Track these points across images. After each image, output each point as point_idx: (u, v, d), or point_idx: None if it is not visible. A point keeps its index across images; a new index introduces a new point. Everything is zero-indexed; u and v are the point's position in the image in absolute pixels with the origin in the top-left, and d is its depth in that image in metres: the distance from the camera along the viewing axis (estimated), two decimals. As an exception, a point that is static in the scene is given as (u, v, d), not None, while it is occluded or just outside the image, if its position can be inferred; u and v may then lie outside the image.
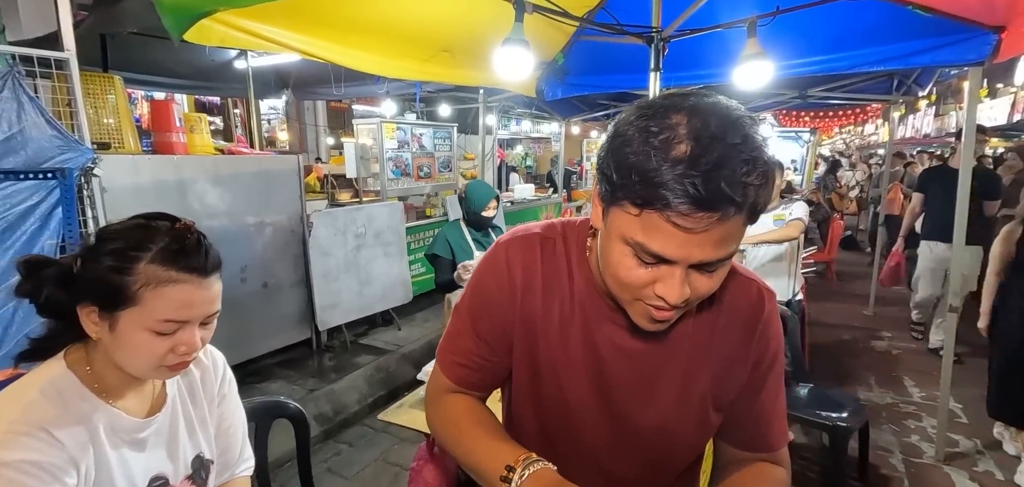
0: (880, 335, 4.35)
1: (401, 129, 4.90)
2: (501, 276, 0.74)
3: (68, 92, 2.09)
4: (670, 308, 0.59)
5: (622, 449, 0.75)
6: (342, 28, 2.06)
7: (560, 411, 0.75)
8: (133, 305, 0.74)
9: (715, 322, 0.72)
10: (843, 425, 2.20)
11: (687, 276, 0.57)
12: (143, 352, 0.76)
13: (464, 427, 0.74)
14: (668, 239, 0.53)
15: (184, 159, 3.06)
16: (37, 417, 0.71)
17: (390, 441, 2.97)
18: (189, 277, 0.76)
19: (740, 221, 0.54)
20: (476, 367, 0.77)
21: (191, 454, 0.91)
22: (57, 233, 1.99)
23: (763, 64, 2.04)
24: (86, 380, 0.78)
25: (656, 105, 0.55)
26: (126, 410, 0.82)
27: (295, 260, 3.74)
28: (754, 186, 0.52)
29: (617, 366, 0.72)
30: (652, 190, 0.51)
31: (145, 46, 3.72)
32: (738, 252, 0.79)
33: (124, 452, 0.81)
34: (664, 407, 0.73)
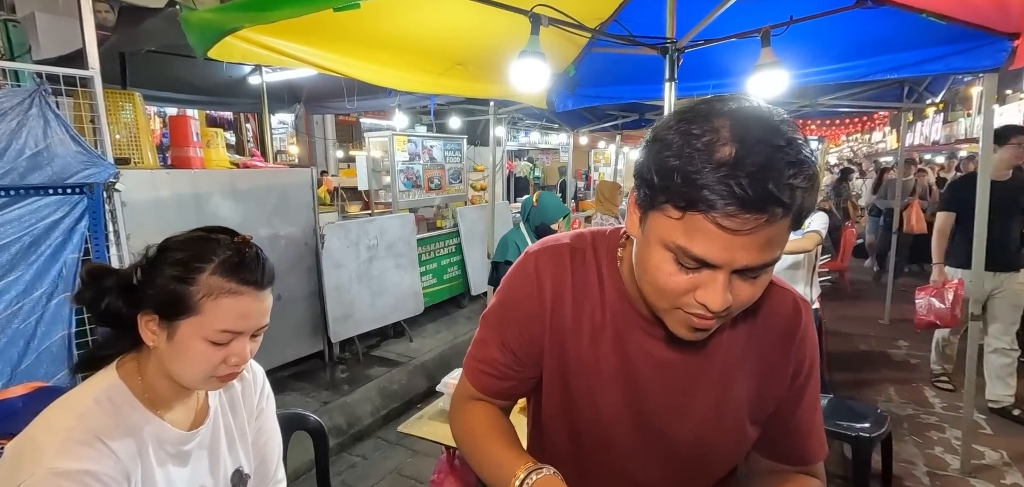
0: (897, 344, 4.29)
1: (412, 141, 4.94)
2: (530, 286, 0.74)
3: (91, 108, 2.14)
4: (711, 316, 0.58)
5: (655, 461, 0.74)
6: (359, 43, 2.10)
7: (591, 422, 0.74)
8: (193, 314, 0.75)
9: (751, 333, 0.71)
10: (866, 436, 2.16)
11: (730, 282, 0.56)
12: (199, 361, 0.77)
13: (478, 435, 0.75)
14: (712, 242, 0.53)
15: (201, 173, 3.10)
16: (93, 427, 0.72)
17: (405, 454, 2.96)
18: (247, 290, 0.78)
19: (786, 225, 0.53)
20: (501, 375, 0.77)
21: (231, 468, 0.92)
22: (79, 247, 2.02)
23: (778, 73, 2.04)
24: (137, 391, 0.80)
25: (697, 110, 0.55)
26: (173, 422, 0.83)
27: (308, 272, 3.77)
28: (801, 189, 0.51)
29: (650, 377, 0.71)
30: (696, 191, 0.51)
31: (162, 63, 3.79)
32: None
33: (169, 466, 0.82)
34: (699, 419, 0.71)
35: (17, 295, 1.89)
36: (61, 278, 2.00)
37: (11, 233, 1.87)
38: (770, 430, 0.75)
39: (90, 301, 0.79)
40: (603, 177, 10.04)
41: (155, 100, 4.87)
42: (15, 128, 1.90)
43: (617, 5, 2.44)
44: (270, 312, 0.83)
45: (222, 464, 0.90)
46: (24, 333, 1.92)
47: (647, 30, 2.26)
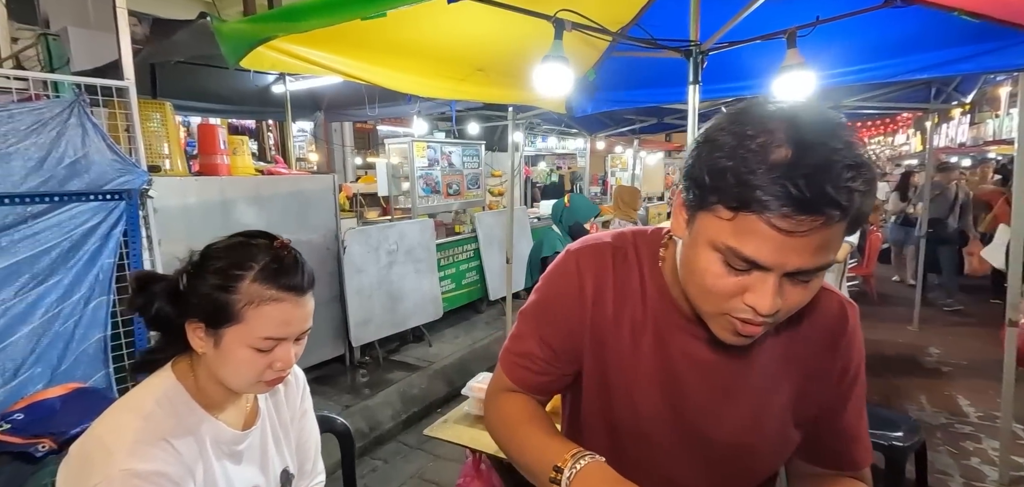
0: (928, 351, 4.17)
1: (431, 147, 4.99)
2: (571, 283, 0.74)
3: (126, 118, 2.21)
4: (759, 320, 0.57)
5: (694, 463, 0.73)
6: (383, 51, 2.13)
7: (630, 422, 0.74)
8: (237, 323, 0.76)
9: (794, 334, 0.70)
10: (900, 445, 2.11)
11: (780, 285, 0.55)
12: (245, 368, 0.78)
13: (517, 425, 0.74)
14: (764, 243, 0.52)
15: (228, 180, 3.18)
16: (158, 429, 0.74)
17: (426, 458, 2.97)
18: (288, 295, 0.78)
19: (841, 229, 0.52)
20: (539, 371, 0.77)
21: (279, 467, 0.94)
22: (114, 252, 2.08)
23: (804, 74, 2.01)
24: (192, 392, 0.81)
25: (751, 112, 0.55)
26: (227, 422, 0.84)
27: (330, 277, 3.82)
28: (859, 192, 0.50)
29: (691, 377, 0.70)
30: (750, 192, 0.50)
31: (190, 74, 3.90)
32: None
33: (226, 464, 0.83)
34: (740, 421, 0.70)
35: (57, 299, 1.95)
36: (98, 282, 2.06)
37: (51, 238, 1.94)
38: (815, 434, 0.73)
39: (141, 308, 0.80)
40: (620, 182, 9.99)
41: (183, 109, 5.00)
42: (55, 137, 1.97)
43: (638, 9, 2.43)
44: (312, 315, 0.83)
45: (271, 464, 0.92)
46: (63, 336, 1.98)
47: (668, 32, 2.25)
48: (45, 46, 2.39)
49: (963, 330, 4.66)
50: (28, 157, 1.89)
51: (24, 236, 1.87)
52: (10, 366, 1.86)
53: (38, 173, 1.91)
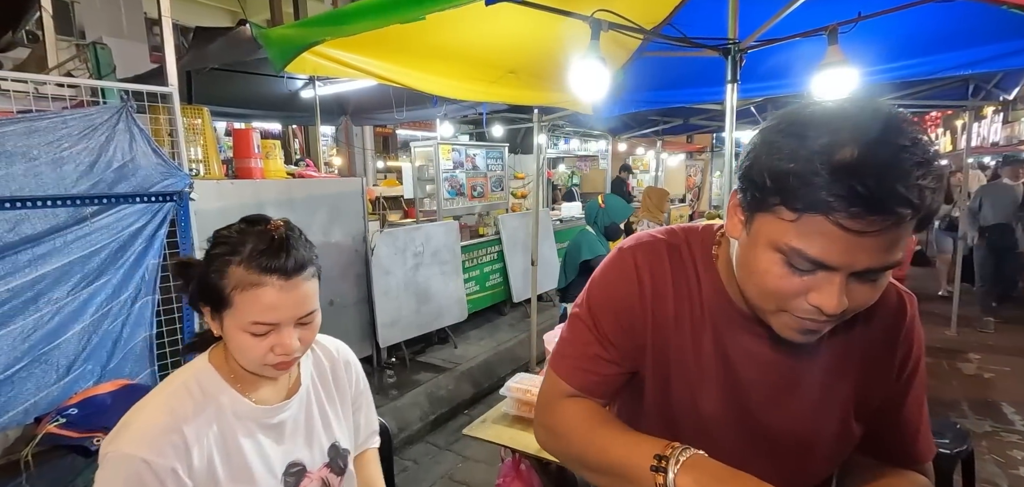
0: (968, 357, 4.03)
1: (456, 150, 5.02)
2: (631, 281, 0.73)
3: (169, 123, 2.28)
4: (824, 319, 0.56)
5: (757, 460, 0.72)
6: (419, 55, 2.15)
7: (692, 420, 0.73)
8: (229, 307, 0.77)
9: (854, 327, 0.69)
10: (947, 453, 2.04)
11: (846, 285, 0.54)
12: (246, 351, 0.79)
13: (595, 427, 0.71)
14: (831, 244, 0.51)
15: (261, 183, 3.24)
16: (172, 413, 0.79)
17: (455, 459, 2.98)
18: (271, 280, 0.76)
19: (910, 227, 0.52)
20: (604, 373, 0.75)
21: (327, 443, 0.95)
22: (159, 253, 2.14)
23: (846, 71, 1.97)
24: (224, 373, 0.84)
25: (809, 112, 0.54)
26: (260, 399, 0.86)
27: (358, 279, 3.87)
28: (929, 189, 0.49)
29: (751, 374, 0.70)
30: (815, 193, 0.50)
31: (225, 80, 4.00)
32: None
33: (260, 438, 0.85)
34: (801, 416, 0.70)
35: (106, 298, 2.02)
36: (144, 282, 2.13)
37: (101, 239, 2.01)
38: (876, 428, 0.73)
39: (183, 290, 0.83)
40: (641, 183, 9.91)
41: (215, 115, 5.13)
42: (104, 142, 2.04)
43: (672, 8, 2.42)
44: (314, 298, 0.82)
45: (317, 439, 0.94)
46: (112, 334, 2.05)
47: (701, 31, 2.23)
48: (93, 55, 2.48)
49: (1005, 335, 4.49)
50: (79, 161, 1.96)
51: (77, 237, 1.94)
52: (63, 363, 1.93)
53: (89, 176, 1.98)
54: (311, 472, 0.92)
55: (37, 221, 1.85)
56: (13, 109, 2.17)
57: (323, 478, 0.94)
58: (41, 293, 1.85)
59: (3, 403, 1.78)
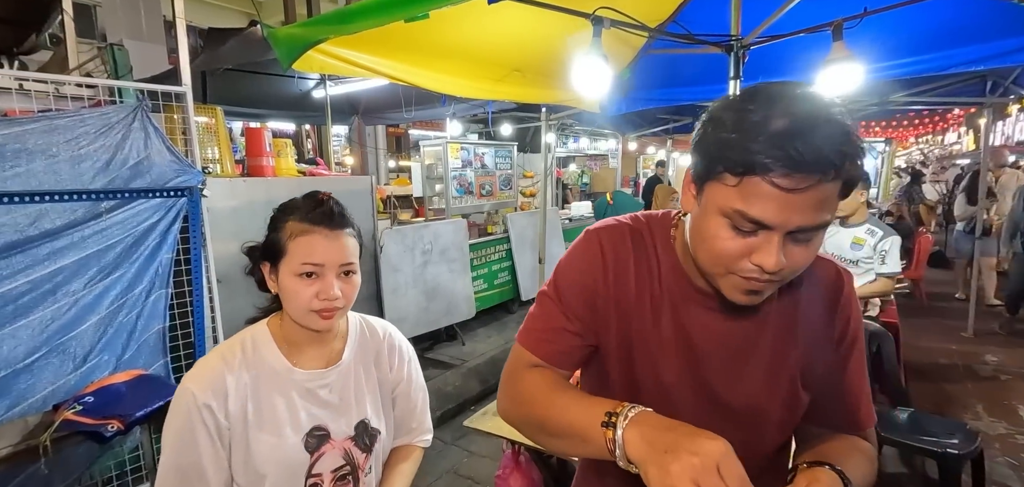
0: (984, 359, 3.96)
1: (465, 149, 5.06)
2: (594, 260, 0.79)
3: (183, 121, 2.34)
4: (765, 278, 0.62)
5: (714, 425, 0.76)
6: (425, 53, 2.19)
7: (654, 391, 0.77)
8: (285, 256, 0.92)
9: (798, 301, 0.75)
10: (954, 453, 2.01)
11: (783, 245, 0.60)
12: (295, 296, 0.92)
13: (555, 392, 0.75)
14: (768, 203, 0.58)
15: (273, 181, 3.31)
16: (223, 360, 0.94)
17: (461, 454, 3.01)
18: (317, 228, 0.92)
19: (836, 189, 0.58)
20: (567, 344, 0.80)
21: (356, 419, 1.01)
22: (173, 248, 2.20)
23: (851, 67, 1.95)
24: (276, 338, 0.98)
25: (750, 91, 0.61)
26: (301, 364, 0.98)
27: (367, 276, 3.90)
28: (849, 155, 0.57)
29: (707, 345, 0.75)
30: (753, 157, 0.57)
31: (239, 80, 4.08)
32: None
33: (292, 397, 0.96)
34: (754, 385, 0.75)
35: (121, 291, 2.08)
36: (157, 276, 2.19)
37: (116, 234, 2.07)
38: (820, 396, 0.78)
39: (252, 273, 1.00)
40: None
41: (229, 114, 5.23)
42: (120, 140, 2.11)
43: (676, 5, 2.42)
44: (354, 254, 0.96)
45: (348, 411, 1.00)
46: (127, 326, 2.11)
47: (705, 28, 2.23)
48: (111, 56, 2.55)
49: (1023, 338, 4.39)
50: (97, 159, 2.03)
51: (94, 232, 2.00)
52: (80, 352, 1.99)
53: (105, 173, 2.04)
54: (335, 440, 0.98)
55: (56, 216, 1.91)
56: (35, 109, 2.25)
57: (346, 449, 1.00)
58: (59, 285, 1.92)
59: (23, 390, 1.85)
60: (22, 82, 2.15)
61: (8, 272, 1.82)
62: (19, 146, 1.84)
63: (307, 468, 0.95)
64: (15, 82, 2.17)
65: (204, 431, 0.90)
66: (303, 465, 0.95)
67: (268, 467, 0.92)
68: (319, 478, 0.97)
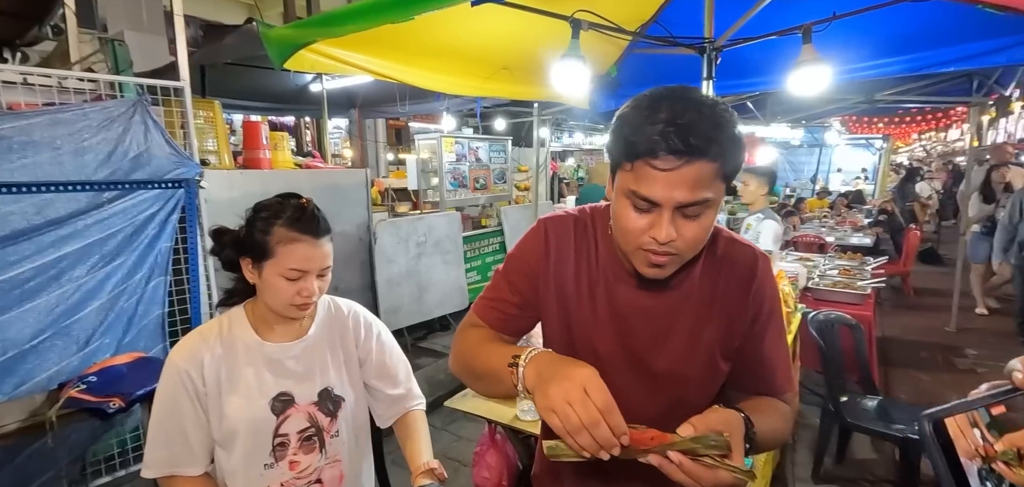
0: (964, 353, 4.05)
1: (459, 143, 5.13)
2: (539, 243, 0.91)
3: (181, 116, 2.42)
4: (662, 250, 0.72)
5: (643, 391, 0.87)
6: (413, 52, 2.27)
7: (592, 360, 0.85)
8: (272, 258, 1.01)
9: (716, 280, 0.85)
10: (915, 437, 2.11)
11: (674, 220, 0.71)
12: (278, 293, 1.03)
13: (483, 344, 0.88)
14: (653, 182, 0.69)
15: (269, 173, 3.40)
16: (204, 336, 1.07)
17: (450, 439, 3.12)
18: (305, 237, 1.02)
19: (710, 171, 0.68)
20: (506, 312, 0.92)
21: (320, 386, 1.13)
22: (171, 237, 2.30)
23: (820, 69, 2.03)
24: (250, 318, 1.10)
25: (647, 94, 0.72)
26: (271, 340, 1.10)
27: (362, 266, 4.02)
28: (718, 141, 0.67)
29: (635, 321, 0.85)
30: (640, 144, 0.68)
31: (236, 74, 4.16)
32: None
33: (260, 367, 1.08)
34: (676, 354, 0.85)
35: (122, 277, 2.18)
36: (156, 264, 2.29)
37: (117, 223, 2.17)
38: (740, 365, 0.87)
39: (217, 254, 1.08)
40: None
41: (228, 108, 5.31)
42: (121, 133, 2.20)
43: (658, 6, 2.50)
44: (331, 256, 1.08)
45: (312, 380, 1.12)
46: (127, 311, 2.21)
47: (688, 30, 2.31)
48: (112, 51, 2.64)
49: (1006, 333, 4.49)
50: (99, 151, 2.12)
51: (95, 221, 2.10)
52: (83, 335, 2.10)
53: (107, 165, 2.13)
54: (299, 405, 1.10)
55: (60, 205, 2.01)
56: (39, 102, 2.34)
57: (310, 413, 1.11)
58: (63, 271, 2.02)
59: (29, 370, 1.96)
60: (26, 76, 2.24)
61: (16, 258, 1.92)
62: (25, 139, 1.93)
63: (273, 428, 1.07)
64: (20, 76, 2.27)
65: (185, 395, 1.03)
66: (270, 425, 1.07)
67: (239, 426, 1.05)
68: (285, 438, 1.09)
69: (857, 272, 3.64)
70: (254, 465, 1.07)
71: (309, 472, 1.12)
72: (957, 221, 5.75)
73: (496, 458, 1.70)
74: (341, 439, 1.15)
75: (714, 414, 0.70)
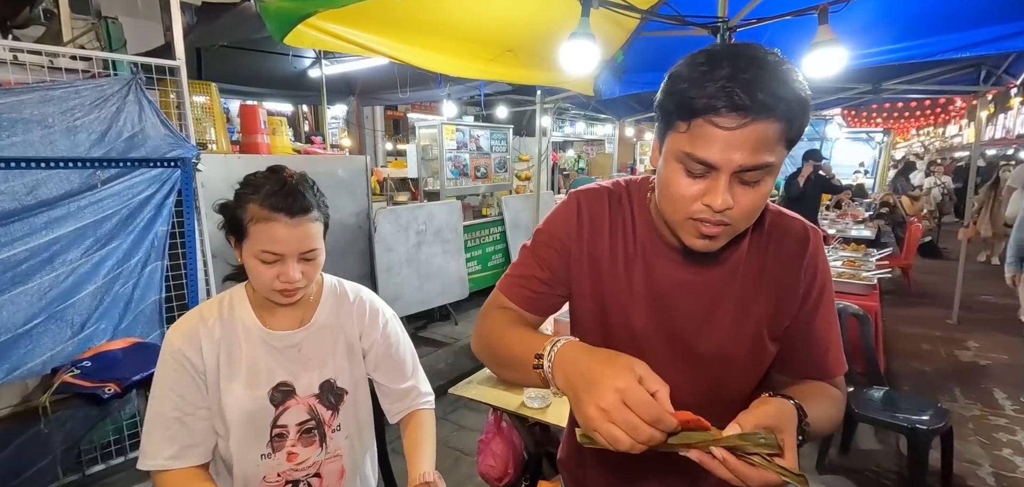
0: (966, 345, 4.04)
1: (460, 131, 5.07)
2: (571, 215, 0.85)
3: (177, 97, 2.36)
4: (716, 219, 0.66)
5: (684, 374, 0.81)
6: (416, 31, 2.21)
7: (627, 339, 0.83)
8: (246, 237, 0.92)
9: (765, 255, 0.80)
10: (923, 428, 2.09)
11: (731, 186, 0.65)
12: (257, 276, 0.94)
13: (508, 328, 0.81)
14: (711, 143, 0.63)
15: (267, 158, 3.33)
16: (204, 317, 1.00)
17: (451, 428, 3.09)
18: (278, 216, 0.91)
19: (775, 132, 0.63)
20: (535, 290, 0.86)
21: (322, 378, 1.05)
22: (168, 221, 2.24)
23: (836, 50, 1.99)
24: (251, 298, 1.02)
25: (706, 49, 0.67)
26: (273, 324, 1.02)
27: (361, 255, 3.97)
28: (785, 100, 0.61)
29: (676, 297, 0.80)
30: (699, 101, 0.62)
31: (233, 57, 4.08)
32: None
33: (260, 353, 1.00)
34: (720, 334, 0.80)
35: (118, 261, 2.12)
36: (153, 248, 2.23)
37: (112, 206, 2.11)
38: (789, 345, 0.82)
39: (223, 227, 0.99)
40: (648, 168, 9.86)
41: (224, 92, 5.23)
42: (115, 113, 2.13)
43: (667, -12, 2.43)
44: (316, 238, 0.96)
45: (313, 371, 1.04)
46: (123, 296, 2.16)
47: (697, 11, 2.25)
48: (105, 29, 2.56)
49: (1008, 325, 4.48)
50: (92, 130, 2.06)
51: (89, 202, 2.04)
52: (78, 320, 2.04)
53: (101, 145, 2.07)
54: (299, 397, 1.03)
55: (52, 185, 1.95)
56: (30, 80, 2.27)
57: (310, 406, 1.04)
58: (57, 254, 1.96)
59: (23, 355, 1.90)
60: (17, 53, 2.17)
61: (7, 240, 1.86)
62: (15, 116, 1.87)
63: (272, 419, 1.01)
64: (10, 54, 2.20)
65: (186, 376, 0.96)
66: (268, 416, 1.00)
67: (237, 415, 0.98)
68: (284, 429, 1.02)
69: (861, 263, 3.61)
70: (250, 455, 1.01)
71: (308, 465, 1.06)
72: (960, 216, 5.67)
73: (502, 446, 1.66)
74: (343, 433, 1.09)
75: (765, 406, 0.63)
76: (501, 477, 1.69)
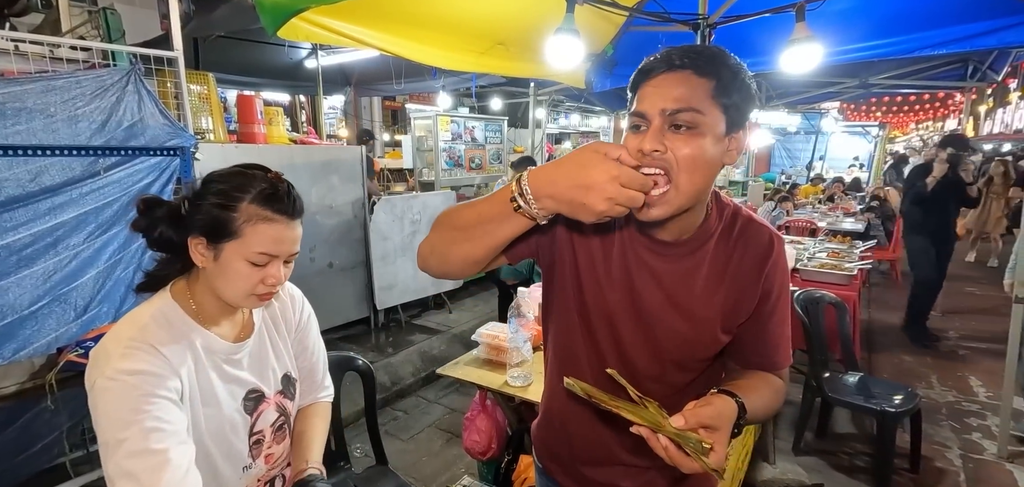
0: (946, 335, 4.14)
1: (455, 122, 5.13)
2: None
3: (175, 86, 2.42)
4: (647, 162, 0.72)
5: (647, 351, 0.90)
6: (409, 24, 2.27)
7: (601, 307, 0.90)
8: (236, 238, 0.86)
9: (731, 254, 0.86)
10: (891, 410, 2.18)
11: (664, 134, 0.73)
12: (240, 280, 0.88)
13: (473, 203, 0.84)
14: (645, 98, 0.74)
15: (264, 148, 3.40)
16: (148, 337, 0.85)
17: (442, 412, 3.19)
18: (280, 218, 0.89)
19: (702, 86, 0.72)
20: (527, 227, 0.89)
21: (280, 373, 1.07)
22: (166, 208, 2.31)
23: (812, 47, 2.06)
24: (188, 309, 0.92)
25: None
26: (220, 335, 0.95)
27: (357, 244, 4.04)
28: (710, 61, 0.73)
29: (644, 280, 0.87)
30: (639, 72, 0.77)
31: (230, 48, 4.13)
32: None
33: (225, 369, 0.96)
34: (680, 320, 0.86)
35: (118, 247, 2.20)
36: (152, 234, 2.31)
37: (113, 193, 2.18)
38: (743, 338, 0.89)
39: (145, 229, 0.89)
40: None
41: (221, 82, 5.27)
42: (115, 102, 2.19)
43: (653, -16, 2.50)
44: (300, 241, 0.94)
45: (271, 370, 1.05)
46: (124, 280, 2.23)
47: (685, 8, 2.32)
48: (104, 19, 2.62)
49: (988, 316, 4.58)
50: (92, 120, 2.12)
51: (91, 189, 2.11)
52: (81, 303, 2.12)
53: (101, 134, 2.14)
54: (268, 398, 1.04)
55: (55, 173, 2.02)
56: (31, 69, 2.32)
57: (278, 403, 1.06)
58: (60, 239, 2.03)
59: (28, 336, 1.98)
60: (18, 43, 2.23)
61: (11, 225, 1.93)
62: (19, 105, 1.93)
63: (249, 428, 1.00)
64: (11, 44, 2.25)
65: (159, 399, 0.82)
66: (245, 425, 0.99)
67: (213, 436, 0.94)
68: (261, 434, 1.02)
69: (846, 255, 3.69)
70: (234, 472, 0.98)
71: (281, 460, 1.08)
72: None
73: (486, 422, 1.75)
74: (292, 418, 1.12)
75: (709, 406, 0.72)
76: (485, 452, 1.78)
